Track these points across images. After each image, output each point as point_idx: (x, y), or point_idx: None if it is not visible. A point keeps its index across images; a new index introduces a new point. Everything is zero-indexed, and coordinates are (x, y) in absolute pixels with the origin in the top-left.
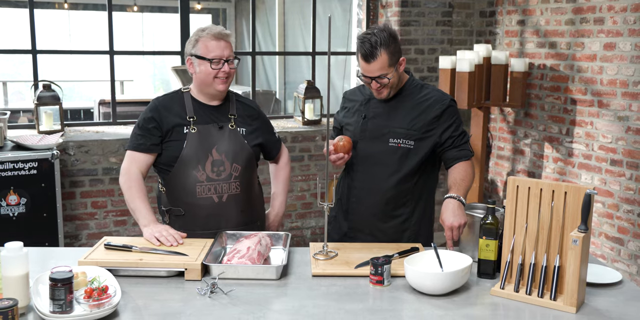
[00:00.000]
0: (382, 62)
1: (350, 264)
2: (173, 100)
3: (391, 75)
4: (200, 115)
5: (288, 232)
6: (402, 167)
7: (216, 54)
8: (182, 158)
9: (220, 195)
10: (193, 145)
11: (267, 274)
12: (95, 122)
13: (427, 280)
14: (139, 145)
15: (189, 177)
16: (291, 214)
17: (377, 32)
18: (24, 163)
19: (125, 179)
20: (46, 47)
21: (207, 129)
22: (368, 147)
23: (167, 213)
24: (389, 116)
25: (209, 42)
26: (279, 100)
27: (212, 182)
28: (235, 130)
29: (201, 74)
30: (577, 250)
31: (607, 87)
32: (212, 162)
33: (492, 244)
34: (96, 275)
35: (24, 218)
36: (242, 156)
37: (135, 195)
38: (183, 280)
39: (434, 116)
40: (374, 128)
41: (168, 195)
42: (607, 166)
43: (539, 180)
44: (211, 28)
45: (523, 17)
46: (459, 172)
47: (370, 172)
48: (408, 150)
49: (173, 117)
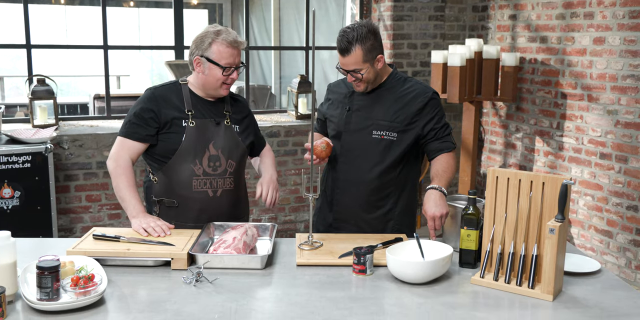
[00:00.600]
0: (356, 57)
1: (335, 254)
2: (171, 92)
3: (365, 71)
4: (198, 110)
5: (275, 223)
6: (385, 159)
7: (229, 61)
8: (180, 151)
9: (215, 189)
10: (191, 139)
11: (252, 264)
12: (90, 117)
13: (408, 269)
14: (133, 134)
15: (185, 170)
16: (284, 207)
17: (357, 27)
18: (18, 156)
19: (114, 165)
20: (43, 42)
21: (205, 123)
22: (352, 139)
23: (159, 203)
24: (373, 109)
25: (223, 48)
26: (274, 95)
27: (208, 177)
28: (230, 127)
29: (210, 77)
30: (554, 239)
31: (596, 81)
32: (209, 157)
33: (473, 234)
34: (84, 264)
35: (18, 211)
36: (236, 153)
37: (125, 183)
38: (170, 269)
39: (416, 109)
40: (357, 120)
41: (161, 186)
42: (597, 160)
43: (518, 171)
44: (227, 34)
45: (515, 11)
46: (440, 164)
47: (354, 163)
48: (391, 142)
49: (172, 109)
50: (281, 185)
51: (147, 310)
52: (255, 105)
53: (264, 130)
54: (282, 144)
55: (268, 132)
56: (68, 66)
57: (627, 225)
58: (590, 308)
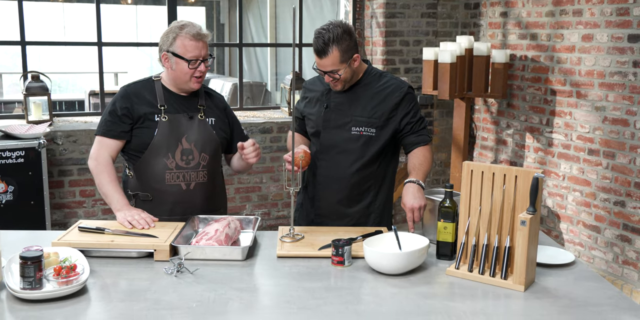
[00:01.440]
0: (333, 58)
1: (315, 246)
2: (144, 88)
3: (342, 71)
4: (171, 104)
5: (258, 216)
6: (364, 154)
7: (194, 54)
8: (152, 145)
9: (188, 183)
10: (164, 133)
11: (233, 255)
12: (84, 113)
13: (384, 260)
14: (109, 131)
15: (158, 164)
16: (277, 203)
17: (332, 28)
18: (11, 152)
19: (95, 163)
20: (40, 39)
21: (178, 118)
22: (331, 136)
23: (134, 197)
24: (350, 105)
25: (187, 42)
26: (269, 91)
27: (180, 170)
28: (204, 121)
29: (177, 72)
30: (525, 231)
31: (585, 78)
32: (181, 150)
33: (449, 227)
34: (68, 255)
35: (12, 205)
36: (210, 146)
37: (107, 180)
38: (152, 261)
39: (393, 104)
40: (336, 117)
41: (136, 180)
42: (585, 155)
43: (492, 165)
44: (190, 27)
45: (506, 8)
46: (417, 157)
47: (334, 159)
48: (370, 138)
49: (144, 105)
50: (274, 181)
51: (127, 300)
52: (251, 102)
53: (256, 126)
54: (274, 140)
55: (260, 128)
56: (66, 63)
57: (615, 220)
58: (560, 298)
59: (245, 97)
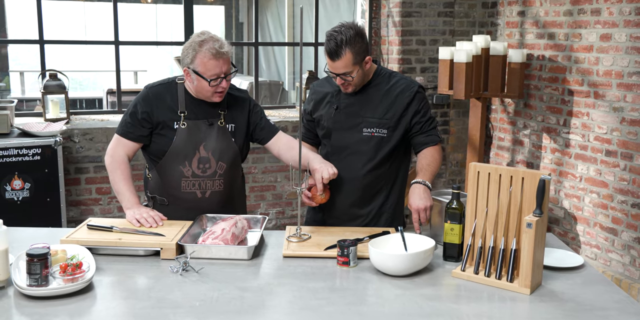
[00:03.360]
0: (346, 60)
1: (321, 246)
2: (167, 91)
3: (355, 73)
4: (192, 110)
5: (265, 215)
6: (376, 155)
7: (215, 73)
8: (170, 153)
9: (203, 191)
10: (182, 140)
11: (239, 254)
12: (101, 111)
13: (389, 262)
14: (127, 133)
15: (175, 171)
16: (292, 202)
17: (344, 30)
18: (28, 149)
19: (110, 160)
20: (60, 38)
21: (197, 125)
22: (342, 138)
23: (152, 199)
24: (361, 106)
25: (207, 60)
26: (286, 90)
27: (197, 178)
28: (224, 128)
29: (199, 87)
30: (531, 233)
31: (602, 78)
32: (198, 158)
33: (456, 228)
34: (76, 253)
35: (28, 202)
36: (228, 155)
37: (120, 177)
38: (159, 259)
39: (404, 104)
40: (347, 119)
41: (154, 183)
42: (602, 157)
43: (499, 166)
44: (210, 43)
45: (523, 8)
46: (425, 158)
47: (345, 161)
48: (381, 139)
49: (164, 109)
50: (288, 180)
51: (131, 297)
52: (269, 101)
53: None
54: None
55: None
56: (86, 61)
57: (632, 222)
58: (566, 302)
59: (263, 95)
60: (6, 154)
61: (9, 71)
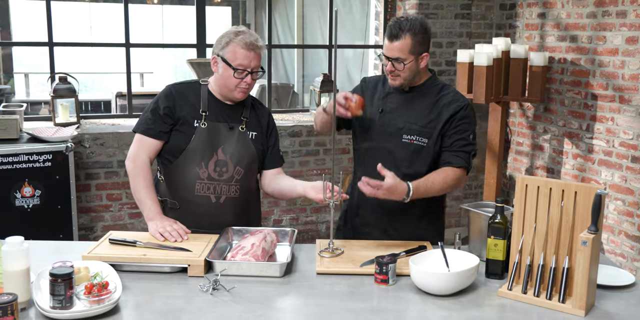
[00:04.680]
0: (403, 44)
1: (356, 262)
2: (190, 90)
3: (408, 63)
4: (213, 112)
5: (294, 228)
6: (413, 164)
7: (242, 63)
8: (187, 152)
9: (218, 195)
10: (201, 140)
11: (271, 271)
12: (111, 115)
13: (432, 280)
14: (149, 130)
15: (190, 172)
16: (306, 208)
17: (412, 19)
18: (39, 155)
19: (132, 165)
20: (66, 40)
21: (217, 127)
22: (381, 141)
23: (162, 203)
24: (406, 112)
25: (238, 49)
26: (296, 93)
27: (212, 182)
28: (244, 133)
29: (223, 78)
30: (587, 251)
31: (629, 82)
32: (216, 161)
33: (500, 244)
34: (99, 270)
35: (39, 210)
36: (246, 160)
37: (142, 184)
38: (186, 276)
39: (448, 116)
40: (389, 122)
41: (166, 186)
42: (628, 163)
43: (549, 180)
44: (246, 35)
45: (544, 10)
46: (438, 174)
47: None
48: (421, 147)
49: (187, 107)
50: None
51: None
52: (277, 104)
53: (285, 130)
54: (303, 144)
55: (290, 132)
56: (92, 63)
57: None
58: None
59: (272, 98)
60: (16, 160)
61: (14, 73)
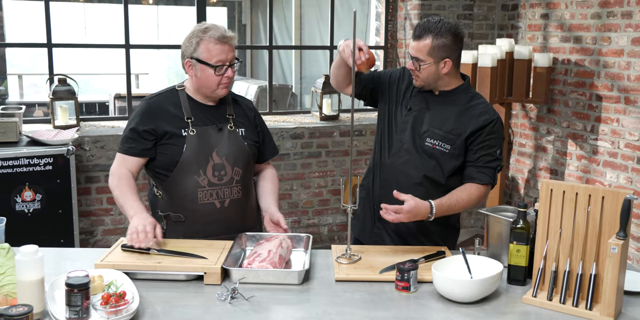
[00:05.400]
0: (423, 45)
1: (375, 269)
2: (168, 101)
3: (426, 65)
4: (198, 116)
5: (309, 234)
6: (434, 169)
7: (220, 59)
8: (182, 163)
9: (222, 200)
10: (193, 148)
11: (289, 279)
12: (111, 117)
13: (456, 288)
14: (130, 149)
15: (189, 182)
16: (308, 210)
17: (440, 22)
18: (39, 159)
19: (112, 178)
20: (62, 41)
21: (206, 131)
22: (403, 141)
23: (165, 218)
24: (432, 115)
25: (212, 46)
26: (295, 94)
27: (213, 187)
28: (234, 132)
29: (203, 79)
30: (616, 258)
31: (635, 83)
32: (213, 166)
33: (523, 249)
34: (113, 279)
35: (39, 214)
36: (242, 159)
37: (125, 189)
38: (202, 284)
39: (477, 128)
40: (415, 123)
41: (166, 200)
42: (634, 165)
43: (574, 184)
44: (214, 30)
45: (547, 10)
46: (462, 192)
47: (400, 165)
48: (442, 153)
49: (169, 119)
50: (304, 188)
51: None
52: (276, 105)
53: (287, 132)
54: (305, 146)
55: (292, 134)
56: (86, 64)
57: None
58: None
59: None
60: (17, 164)
61: (7, 74)
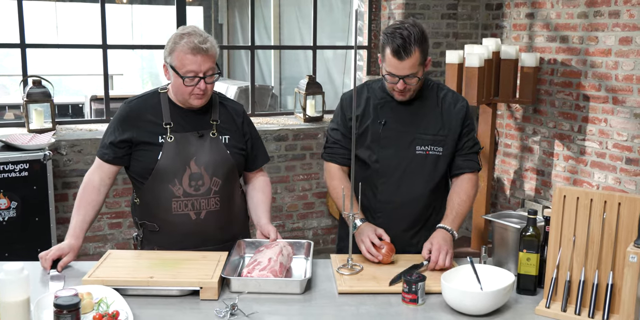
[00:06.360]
0: (414, 59)
1: (378, 279)
2: (147, 105)
3: (420, 75)
4: (178, 122)
5: (310, 241)
6: (433, 176)
7: (190, 69)
8: (156, 170)
9: (198, 211)
10: (169, 156)
11: (291, 288)
12: (88, 120)
13: (467, 299)
14: (104, 155)
15: (164, 191)
16: (292, 214)
17: (408, 26)
18: (14, 164)
19: (81, 186)
20: (33, 41)
21: (186, 137)
22: (392, 157)
23: (141, 226)
24: (412, 121)
25: (184, 55)
26: (275, 95)
27: (189, 198)
28: (217, 139)
29: (175, 86)
30: (635, 267)
31: (622, 83)
32: (189, 175)
33: (533, 258)
34: (103, 296)
35: (15, 223)
36: (223, 169)
37: (79, 203)
38: (198, 299)
39: (456, 119)
40: (396, 135)
41: (142, 208)
42: (622, 165)
43: (589, 190)
44: (191, 37)
45: (532, 10)
46: (458, 194)
47: (398, 184)
48: (437, 158)
49: (146, 125)
50: (289, 191)
51: None
52: (257, 106)
53: (271, 134)
54: (290, 148)
55: (275, 136)
56: (58, 64)
57: None
58: None
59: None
60: None
61: None
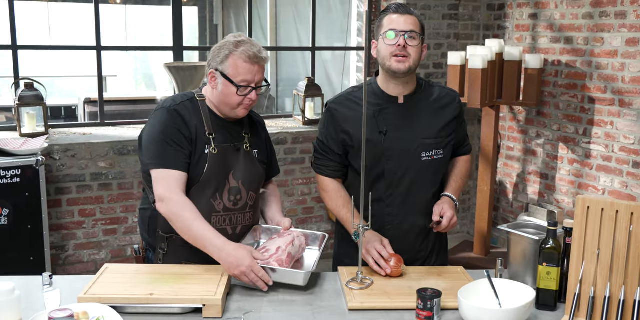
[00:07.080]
0: (414, 20)
1: (390, 295)
2: (189, 111)
3: (419, 42)
4: (219, 133)
5: (326, 233)
6: (438, 181)
7: (245, 78)
8: (201, 184)
9: (234, 226)
10: (213, 169)
11: (293, 280)
12: (82, 124)
13: (486, 317)
14: (170, 161)
15: (205, 206)
16: (291, 219)
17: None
18: (6, 170)
19: (170, 205)
20: (25, 42)
21: (226, 150)
22: (398, 168)
23: (167, 240)
24: (412, 126)
25: (241, 63)
26: (273, 97)
27: (228, 213)
28: (250, 153)
29: (222, 95)
30: None
31: (629, 85)
32: (229, 189)
33: (553, 272)
34: (99, 315)
35: (7, 230)
36: (257, 183)
37: (190, 218)
38: (200, 317)
39: (453, 117)
40: (398, 144)
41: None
42: (629, 169)
43: (615, 201)
44: (248, 45)
45: (535, 10)
46: (457, 168)
47: (405, 195)
48: (440, 161)
49: (196, 131)
50: (287, 196)
51: None
52: (255, 109)
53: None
54: (289, 152)
55: (274, 139)
56: (50, 66)
57: None
58: None
59: None
60: None
61: None
